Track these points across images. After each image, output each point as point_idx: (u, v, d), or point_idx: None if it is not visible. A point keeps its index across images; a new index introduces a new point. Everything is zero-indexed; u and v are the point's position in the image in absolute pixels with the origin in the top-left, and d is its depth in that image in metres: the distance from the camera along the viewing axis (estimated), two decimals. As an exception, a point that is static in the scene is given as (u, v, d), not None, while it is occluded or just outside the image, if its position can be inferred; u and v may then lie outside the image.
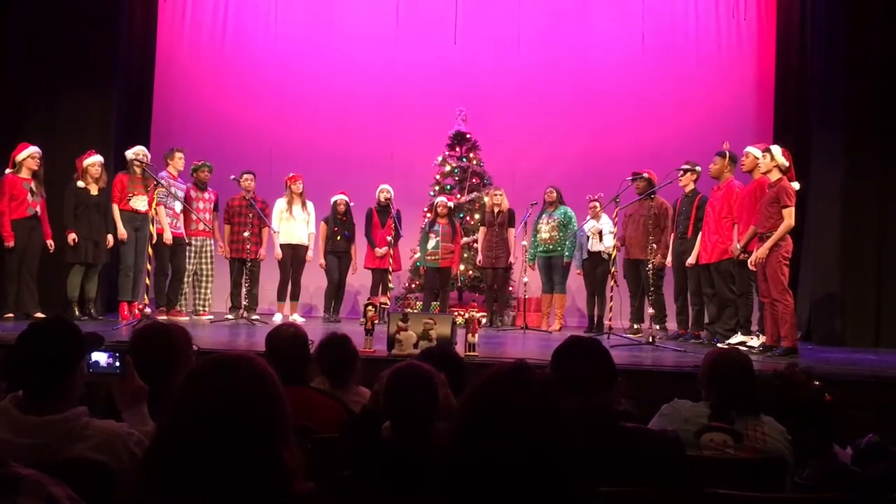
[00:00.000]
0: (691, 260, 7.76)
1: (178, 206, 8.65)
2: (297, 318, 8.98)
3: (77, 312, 8.15)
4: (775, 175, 6.46)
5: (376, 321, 5.88)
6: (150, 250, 7.75)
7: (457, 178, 10.46)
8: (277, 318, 8.89)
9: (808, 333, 8.80)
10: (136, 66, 10.56)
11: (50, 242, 8.13)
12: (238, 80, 11.53)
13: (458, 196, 10.31)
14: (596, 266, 9.04)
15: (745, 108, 10.93)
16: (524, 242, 9.22)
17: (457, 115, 10.53)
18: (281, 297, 9.31)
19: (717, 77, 11.17)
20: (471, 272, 10.01)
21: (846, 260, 8.62)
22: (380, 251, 9.38)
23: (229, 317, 8.85)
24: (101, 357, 2.71)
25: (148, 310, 7.65)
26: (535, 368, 1.63)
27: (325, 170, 10.82)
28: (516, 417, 1.54)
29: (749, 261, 6.69)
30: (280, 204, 9.30)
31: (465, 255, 10.02)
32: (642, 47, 11.38)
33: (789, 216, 6.29)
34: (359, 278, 10.21)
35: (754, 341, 6.97)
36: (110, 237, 8.38)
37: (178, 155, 8.80)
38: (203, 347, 4.76)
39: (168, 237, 8.47)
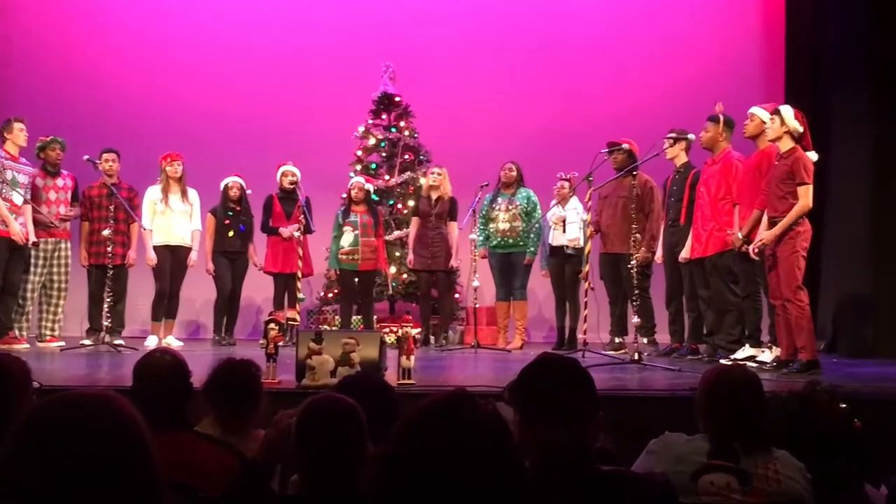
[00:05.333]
0: (685, 254, 7.87)
1: (17, 198, 8.45)
2: (173, 343, 8.87)
3: None
4: (787, 144, 6.54)
5: (281, 343, 5.82)
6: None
7: (384, 155, 10.44)
8: (151, 343, 8.74)
9: (833, 343, 9.02)
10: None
11: None
12: (98, 24, 11.35)
13: (386, 177, 10.29)
14: (563, 264, 9.12)
15: (749, 63, 11.15)
16: (472, 236, 9.24)
17: (382, 73, 10.51)
18: (156, 314, 9.17)
19: (713, 26, 11.36)
20: (405, 276, 10.01)
21: (877, 252, 8.85)
22: (286, 231, 9.28)
23: (87, 342, 8.68)
24: None
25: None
26: (477, 398, 1.63)
27: (212, 146, 10.70)
28: (452, 462, 1.53)
29: (751, 248, 6.79)
30: (153, 193, 9.16)
31: (398, 255, 10.01)
32: (620, -14, 11.57)
33: (806, 195, 6.38)
34: (258, 287, 10.11)
35: (766, 355, 7.10)
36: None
37: (18, 126, 8.60)
38: (48, 384, 4.63)
39: (20, 234, 8.27)
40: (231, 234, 9.35)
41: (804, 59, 10.38)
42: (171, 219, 9.14)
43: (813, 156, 6.57)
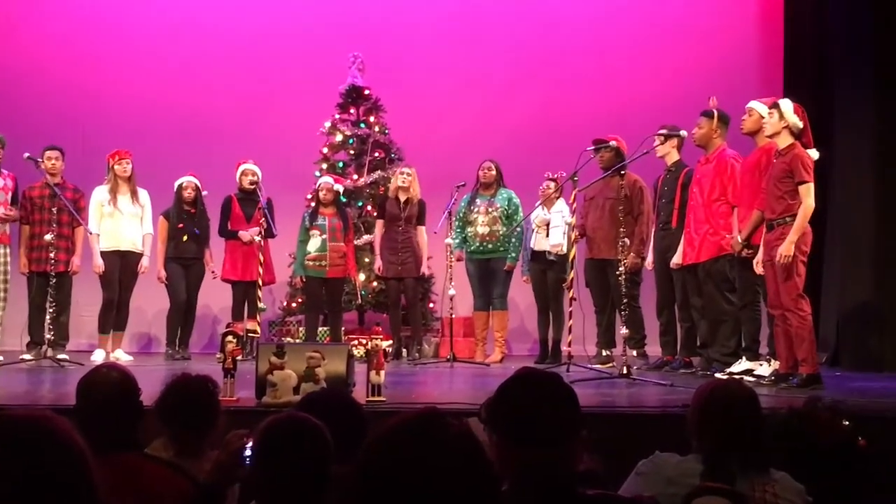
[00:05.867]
0: (677, 259, 7.90)
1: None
2: (122, 357, 8.83)
3: None
4: (786, 140, 6.58)
5: (240, 357, 5.79)
6: None
7: (352, 152, 10.43)
8: (99, 357, 8.72)
9: (836, 356, 9.07)
10: None
11: None
12: (37, 9, 11.28)
13: (355, 177, 10.28)
14: (545, 270, 9.15)
15: (745, 54, 11.24)
16: (448, 240, 9.24)
17: (350, 64, 10.49)
18: (104, 326, 9.12)
19: (707, 14, 11.42)
20: (375, 283, 9.99)
21: (883, 257, 8.91)
22: (246, 234, 9.26)
23: (27, 357, 8.62)
24: None
25: None
26: (448, 417, 1.62)
27: (165, 143, 10.67)
28: (422, 484, 1.53)
29: (756, 260, 6.84)
30: (100, 193, 9.12)
31: (367, 261, 10.00)
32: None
33: (808, 194, 6.40)
34: (215, 296, 10.06)
35: (764, 368, 7.13)
36: None
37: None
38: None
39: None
40: (185, 238, 9.31)
41: (804, 50, 10.45)
42: (120, 222, 9.09)
43: (814, 153, 6.59)
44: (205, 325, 10.80)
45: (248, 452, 2.98)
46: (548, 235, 9.01)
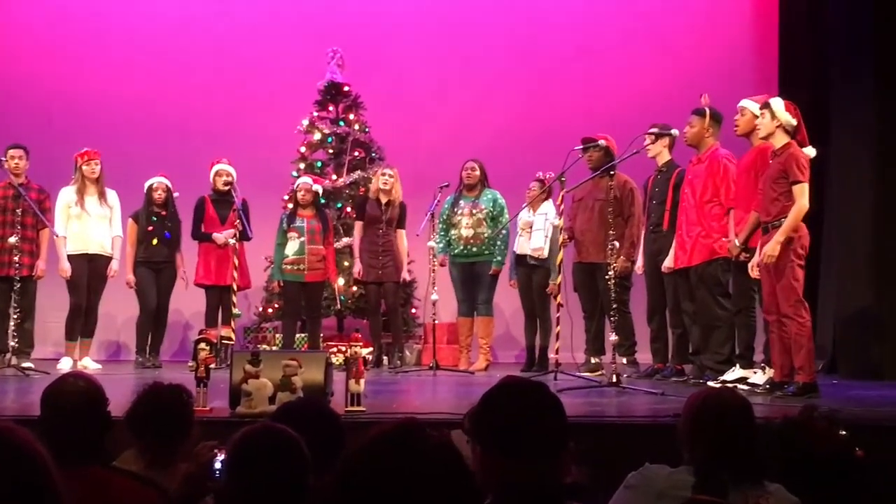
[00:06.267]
0: (668, 263, 7.91)
1: None
2: (90, 365, 8.81)
3: None
4: (780, 139, 6.61)
5: (213, 365, 5.78)
6: None
7: (331, 152, 10.42)
8: (65, 366, 8.69)
9: (833, 363, 9.11)
10: None
11: None
12: None
13: (334, 177, 10.27)
14: (531, 274, 9.16)
15: (739, 50, 11.27)
16: (431, 243, 9.25)
17: (329, 60, 10.48)
18: (71, 333, 9.09)
19: (701, 10, 11.47)
20: (354, 288, 9.99)
21: (882, 261, 8.94)
22: (221, 237, 9.25)
23: (-9, 365, 8.58)
24: None
25: None
26: (428, 428, 1.62)
27: (135, 142, 10.64)
28: (400, 501, 1.53)
29: (750, 264, 6.87)
30: (67, 195, 9.09)
31: (347, 264, 9.99)
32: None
33: (802, 195, 6.43)
34: (188, 301, 10.05)
35: (758, 376, 7.14)
36: None
37: None
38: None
39: None
40: (155, 242, 9.29)
41: (800, 46, 10.49)
42: (88, 224, 9.06)
43: (810, 151, 6.62)
44: (176, 331, 10.78)
45: (218, 465, 2.97)
46: (530, 239, 9.01)
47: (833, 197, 9.28)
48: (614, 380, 7.06)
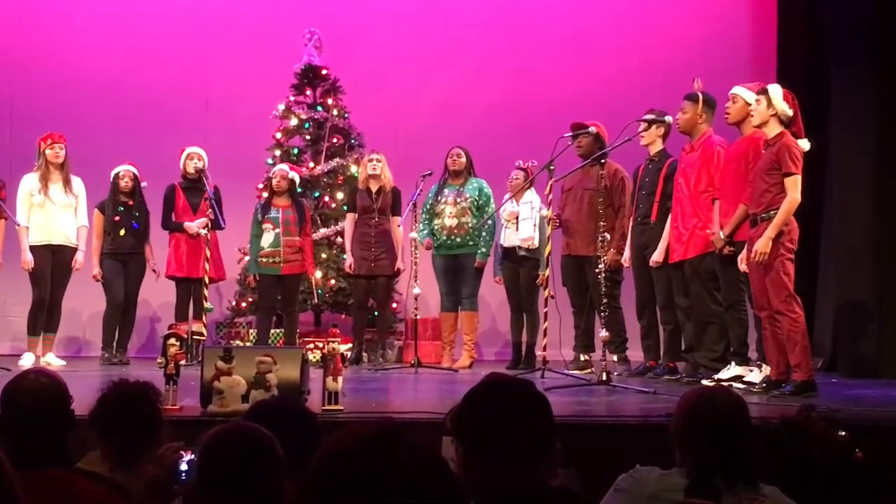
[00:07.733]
0: (657, 257, 7.91)
1: None
2: (53, 361, 8.79)
3: None
4: (774, 129, 6.61)
5: (183, 361, 5.77)
6: None
7: (308, 138, 10.40)
8: (27, 362, 8.63)
9: (832, 361, 9.13)
10: None
11: None
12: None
13: (311, 164, 10.25)
14: (517, 268, 9.17)
15: (736, 34, 11.29)
16: (413, 234, 9.23)
17: (306, 41, 10.45)
18: (33, 328, 9.06)
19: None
20: (333, 281, 9.97)
21: (882, 256, 8.96)
22: (193, 226, 9.23)
23: (-52, 361, 8.55)
24: None
25: None
26: (405, 430, 1.62)
27: (101, 126, 10.61)
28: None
29: (740, 258, 6.88)
30: (29, 182, 9.05)
31: (325, 256, 9.97)
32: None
33: (794, 187, 6.44)
34: (156, 294, 10.02)
35: (754, 375, 7.16)
36: None
37: None
38: None
39: None
40: (122, 232, 9.26)
41: (799, 31, 10.47)
42: (52, 213, 9.03)
43: (804, 144, 6.64)
44: (144, 325, 10.74)
45: (184, 467, 2.96)
46: (517, 229, 9.00)
47: (832, 190, 9.30)
48: (604, 378, 7.08)
